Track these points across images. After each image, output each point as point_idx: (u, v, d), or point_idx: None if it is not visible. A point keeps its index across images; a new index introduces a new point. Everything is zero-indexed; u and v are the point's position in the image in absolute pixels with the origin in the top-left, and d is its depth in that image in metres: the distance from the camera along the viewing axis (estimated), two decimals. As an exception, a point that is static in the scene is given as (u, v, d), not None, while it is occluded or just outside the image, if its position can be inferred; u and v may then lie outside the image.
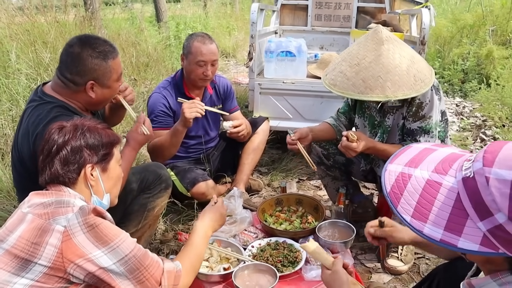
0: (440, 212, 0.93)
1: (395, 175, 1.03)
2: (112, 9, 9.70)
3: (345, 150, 2.16)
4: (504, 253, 0.87)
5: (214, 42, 2.73)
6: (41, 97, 1.89)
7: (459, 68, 6.54)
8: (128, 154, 2.01)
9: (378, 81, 1.98)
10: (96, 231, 1.25)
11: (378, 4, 4.85)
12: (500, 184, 0.86)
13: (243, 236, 2.16)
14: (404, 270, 2.35)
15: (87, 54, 1.82)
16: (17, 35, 4.71)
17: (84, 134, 1.44)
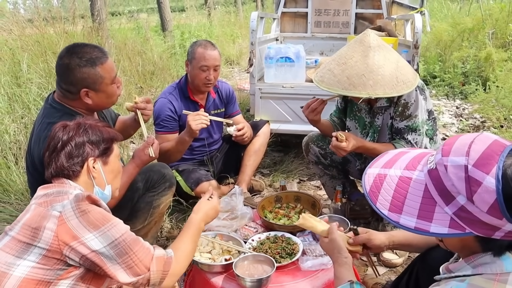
0: (412, 203, 1.06)
1: (373, 176, 1.17)
2: (118, 20, 9.90)
3: (336, 149, 2.29)
4: (470, 233, 0.99)
5: (217, 49, 2.88)
6: (51, 105, 2.00)
7: (459, 71, 6.64)
8: (131, 170, 2.14)
9: (361, 79, 2.12)
10: (88, 216, 1.33)
11: (376, 10, 4.98)
12: (456, 170, 0.98)
13: (244, 231, 2.28)
14: (399, 263, 2.46)
15: (75, 64, 1.88)
16: (28, 46, 4.89)
17: (86, 131, 1.55)
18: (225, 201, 2.45)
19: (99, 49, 1.98)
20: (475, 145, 0.99)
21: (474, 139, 1.01)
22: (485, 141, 1.00)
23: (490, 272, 1.01)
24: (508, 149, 0.98)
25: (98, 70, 1.93)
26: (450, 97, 6.36)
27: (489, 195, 0.94)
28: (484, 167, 0.95)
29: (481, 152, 0.97)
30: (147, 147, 2.16)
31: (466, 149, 0.99)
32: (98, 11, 7.05)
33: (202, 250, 2.08)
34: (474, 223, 0.98)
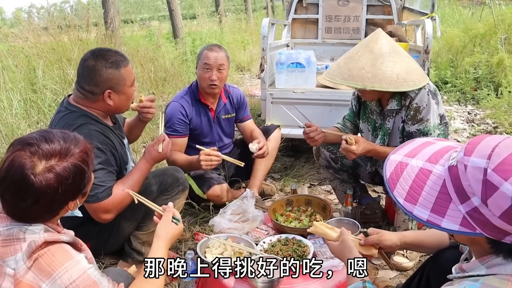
0: (428, 196, 1.06)
1: (395, 164, 1.17)
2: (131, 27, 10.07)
3: (345, 152, 2.32)
4: (480, 233, 1.00)
5: (224, 52, 2.92)
6: (67, 107, 2.09)
7: (471, 77, 6.61)
8: (143, 167, 2.19)
9: (361, 72, 2.20)
10: (40, 262, 1.21)
11: (387, 16, 5.00)
12: (475, 171, 0.99)
13: (255, 233, 2.31)
14: (409, 266, 2.46)
15: (101, 65, 2.02)
16: (43, 53, 5.01)
17: (65, 182, 1.28)
18: (237, 204, 2.48)
19: (121, 54, 2.12)
20: (499, 149, 0.99)
21: (499, 143, 1.00)
22: (510, 146, 0.99)
23: (505, 272, 1.02)
24: None
25: (122, 72, 2.06)
26: (462, 103, 6.33)
27: (504, 201, 0.94)
28: (503, 172, 0.95)
29: (503, 158, 0.97)
30: (158, 144, 2.22)
31: (489, 152, 0.99)
32: (111, 19, 7.18)
33: (214, 252, 2.11)
34: (485, 225, 0.99)
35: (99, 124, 2.11)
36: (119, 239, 2.31)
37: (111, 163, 2.12)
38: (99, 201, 2.02)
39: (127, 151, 2.35)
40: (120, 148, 2.23)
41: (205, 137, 3.05)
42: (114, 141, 2.18)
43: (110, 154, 2.11)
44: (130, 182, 2.15)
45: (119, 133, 2.30)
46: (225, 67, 2.89)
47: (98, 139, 2.06)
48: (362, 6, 5.05)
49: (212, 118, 3.06)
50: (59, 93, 4.38)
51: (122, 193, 2.11)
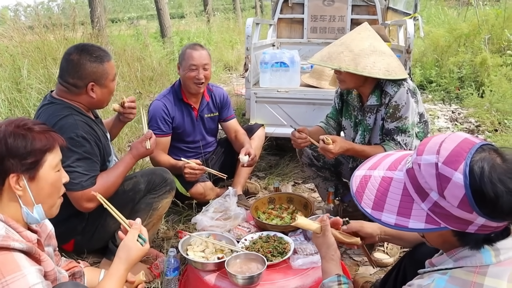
0: (393, 201, 1.13)
1: (359, 178, 1.24)
2: (118, 26, 10.00)
3: (323, 152, 2.38)
4: (446, 227, 1.05)
5: (205, 49, 2.95)
6: (50, 101, 2.16)
7: (455, 76, 6.70)
8: (128, 161, 2.27)
9: (339, 55, 2.30)
10: None
11: (371, 16, 5.06)
12: (428, 167, 1.05)
13: (237, 231, 2.33)
14: (389, 262, 2.50)
15: (86, 59, 2.10)
16: (28, 52, 4.98)
17: (6, 140, 1.29)
18: (219, 202, 2.51)
19: (104, 49, 2.21)
20: (446, 143, 1.06)
21: (445, 139, 1.08)
22: (455, 140, 1.06)
23: (471, 264, 1.06)
24: (476, 146, 1.04)
25: (105, 66, 2.14)
26: (446, 102, 6.42)
27: (458, 190, 1.00)
28: (453, 164, 1.02)
29: (450, 150, 1.04)
30: (145, 140, 2.30)
31: (437, 148, 1.06)
32: (98, 18, 7.15)
33: (195, 250, 2.13)
34: (448, 218, 1.04)
35: (83, 116, 2.17)
36: (104, 235, 2.32)
37: (95, 153, 2.16)
38: (83, 189, 2.06)
39: (110, 144, 2.40)
40: (104, 140, 2.27)
41: (188, 136, 3.08)
42: (98, 133, 2.22)
43: (94, 144, 2.15)
44: (115, 174, 2.21)
45: (102, 127, 2.34)
46: (209, 66, 2.93)
47: (83, 129, 2.10)
48: (347, 6, 5.11)
49: (195, 117, 3.07)
50: (44, 92, 4.35)
51: (105, 183, 2.15)
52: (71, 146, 2.01)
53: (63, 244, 2.30)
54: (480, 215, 1.00)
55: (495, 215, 1.00)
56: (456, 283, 1.05)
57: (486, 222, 1.01)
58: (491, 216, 1.00)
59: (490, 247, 1.07)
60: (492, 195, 0.98)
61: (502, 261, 1.05)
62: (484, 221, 1.01)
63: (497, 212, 1.00)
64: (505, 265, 1.05)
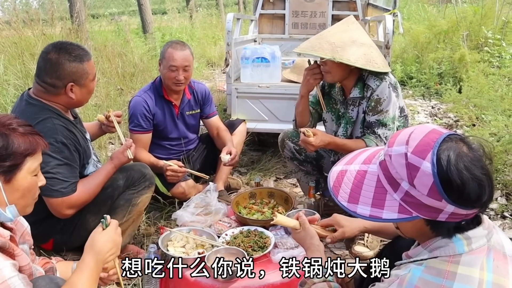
0: (367, 193, 1.16)
1: (336, 173, 1.26)
2: (98, 22, 9.88)
3: (304, 144, 2.40)
4: (417, 216, 1.08)
5: (188, 49, 2.89)
6: (27, 101, 2.09)
7: (435, 72, 6.79)
8: (109, 170, 2.25)
9: (323, 45, 2.33)
10: None
11: (352, 12, 5.08)
12: (398, 157, 1.09)
13: (218, 226, 2.33)
14: (369, 255, 2.52)
15: (65, 58, 2.03)
16: (4, 47, 4.89)
17: None
18: (200, 197, 2.50)
19: (83, 48, 2.13)
20: (414, 134, 1.10)
21: (414, 130, 1.12)
22: (423, 131, 1.10)
23: (444, 254, 1.09)
24: (443, 136, 1.08)
25: (85, 66, 2.08)
26: (426, 97, 6.51)
27: (427, 179, 1.04)
28: (421, 153, 1.05)
29: (418, 140, 1.07)
30: (126, 150, 2.28)
31: (406, 139, 1.09)
32: (77, 13, 7.03)
33: (176, 245, 2.13)
34: (419, 207, 1.07)
35: (62, 118, 2.11)
36: (83, 233, 2.28)
37: (75, 159, 2.12)
38: (63, 196, 2.03)
39: (89, 145, 2.36)
40: (83, 142, 2.23)
41: (170, 133, 3.05)
42: (77, 136, 2.18)
43: (74, 149, 2.12)
44: (96, 182, 2.19)
45: (81, 127, 2.30)
46: (190, 66, 2.88)
47: (62, 134, 2.06)
48: (328, 2, 5.14)
49: (176, 114, 3.04)
50: (21, 88, 4.28)
51: (86, 191, 2.13)
52: (50, 152, 1.98)
53: (42, 244, 2.27)
54: (449, 202, 1.03)
55: (463, 202, 1.04)
56: (431, 273, 1.07)
57: (456, 209, 1.05)
58: (460, 203, 1.04)
59: (462, 236, 1.09)
60: (459, 182, 1.02)
61: (474, 249, 1.08)
62: (454, 208, 1.04)
63: (465, 199, 1.03)
64: (476, 253, 1.08)
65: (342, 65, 2.33)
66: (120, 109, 5.07)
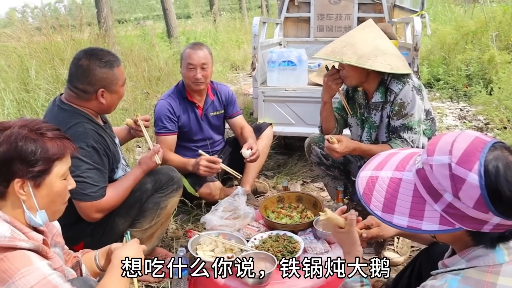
0: (403, 202, 1.10)
1: (365, 179, 1.21)
2: (124, 27, 10.05)
3: (329, 151, 2.39)
4: (460, 228, 1.03)
5: (206, 49, 2.96)
6: (59, 106, 2.13)
7: (463, 74, 6.65)
8: (138, 175, 2.27)
9: (342, 49, 2.32)
10: None
11: (378, 14, 5.04)
12: (441, 168, 1.03)
13: (246, 230, 2.33)
14: (400, 261, 2.49)
15: (95, 65, 2.06)
16: (36, 53, 5.00)
17: (16, 144, 1.27)
18: (228, 201, 2.51)
19: (113, 54, 2.17)
20: (457, 143, 1.04)
21: (456, 138, 1.05)
22: (466, 139, 1.04)
23: (483, 264, 1.05)
24: (489, 145, 1.02)
25: (115, 71, 2.12)
26: (454, 100, 6.38)
27: (473, 191, 0.98)
28: (466, 164, 1.00)
29: (463, 150, 1.02)
30: (154, 155, 2.30)
31: (449, 148, 1.03)
32: (104, 18, 7.19)
33: (205, 249, 2.13)
34: (462, 219, 1.02)
35: (92, 123, 2.14)
36: (113, 236, 2.33)
37: (104, 164, 2.15)
38: (93, 200, 2.05)
39: (118, 150, 2.38)
40: (112, 147, 2.25)
41: (195, 134, 3.08)
42: (107, 140, 2.20)
43: (103, 154, 2.14)
44: (125, 186, 2.21)
45: (110, 132, 2.33)
46: (208, 65, 2.93)
47: (93, 138, 2.08)
48: (354, 4, 5.09)
49: (200, 116, 3.08)
50: (52, 93, 4.38)
51: (115, 195, 2.15)
52: (81, 156, 2.00)
53: (73, 246, 2.31)
54: (496, 214, 0.99)
55: (511, 213, 0.99)
56: (469, 283, 1.03)
57: (502, 221, 1.00)
58: (507, 214, 0.99)
59: (503, 246, 1.06)
60: (509, 194, 0.97)
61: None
62: (500, 220, 1.00)
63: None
64: None
65: (358, 68, 2.31)
66: (146, 112, 5.14)
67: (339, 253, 2.11)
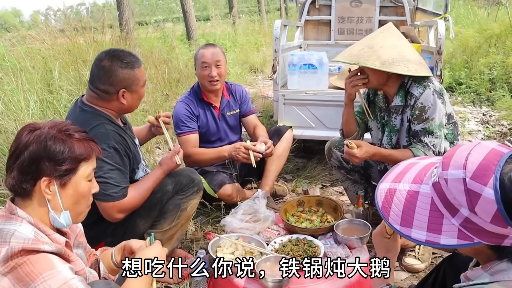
0: (421, 216, 1.07)
1: (384, 192, 1.18)
2: (145, 29, 10.17)
3: (348, 157, 2.38)
4: (479, 242, 1.00)
5: (218, 48, 3.01)
6: (81, 107, 2.16)
7: (486, 78, 6.54)
8: (159, 176, 2.29)
9: (360, 52, 2.32)
10: (18, 271, 1.18)
11: (400, 17, 4.98)
12: (455, 183, 1.00)
13: (266, 233, 2.33)
14: (421, 268, 2.46)
15: (117, 65, 2.10)
16: (59, 54, 5.09)
17: (46, 143, 1.31)
18: (248, 204, 2.51)
19: (134, 55, 2.20)
20: (472, 156, 1.00)
21: (471, 151, 1.02)
22: (481, 152, 1.01)
23: (508, 279, 1.02)
24: (505, 157, 0.98)
25: (136, 72, 2.15)
26: (477, 104, 6.27)
27: (489, 206, 0.95)
28: (481, 178, 0.97)
29: (477, 164, 0.98)
30: (174, 156, 2.31)
31: (463, 162, 1.00)
32: (126, 21, 7.28)
33: (225, 251, 2.14)
34: (481, 233, 0.99)
35: (113, 124, 2.17)
36: (133, 236, 2.33)
37: (126, 164, 2.17)
38: (114, 200, 2.08)
39: (139, 150, 2.41)
40: (133, 147, 2.28)
41: (212, 135, 3.11)
42: (127, 141, 2.23)
43: (124, 154, 2.17)
44: (146, 187, 2.23)
45: (130, 133, 2.36)
46: (222, 62, 2.97)
47: (114, 139, 2.11)
48: (375, 7, 5.04)
49: (217, 116, 3.11)
50: (74, 93, 4.44)
51: (137, 195, 2.17)
52: (103, 157, 2.02)
53: (94, 246, 2.33)
54: None
55: None
56: None
57: None
58: None
59: None
60: None
61: None
62: None
63: None
64: None
65: (378, 71, 2.30)
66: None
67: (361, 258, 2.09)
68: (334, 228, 2.25)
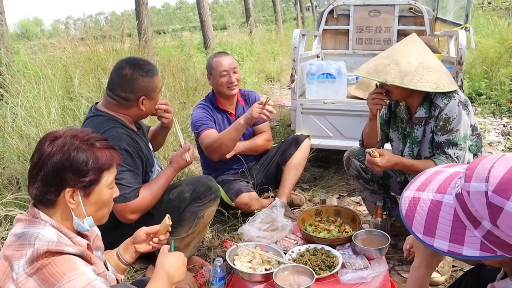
0: (444, 226, 1.06)
1: (408, 200, 1.17)
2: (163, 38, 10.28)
3: (370, 165, 2.35)
4: (502, 255, 0.98)
5: (231, 55, 3.10)
6: (95, 113, 2.22)
7: (507, 89, 6.45)
8: (169, 174, 2.33)
9: (385, 68, 2.28)
10: (43, 272, 1.20)
11: (419, 26, 4.95)
12: (477, 195, 0.99)
13: (284, 242, 2.31)
14: (441, 281, 2.41)
15: (138, 74, 2.17)
16: (79, 63, 5.18)
17: (69, 154, 1.32)
18: (266, 213, 2.50)
19: (151, 63, 2.27)
20: (494, 170, 0.99)
21: (494, 164, 1.01)
22: (505, 165, 1.00)
23: None
24: None
25: (155, 80, 2.23)
26: (497, 115, 6.18)
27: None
28: (504, 192, 0.95)
29: (500, 178, 0.97)
30: (184, 153, 2.34)
31: (486, 175, 0.99)
32: (144, 29, 7.37)
33: (242, 260, 2.13)
34: (503, 246, 0.98)
35: (126, 128, 2.22)
36: None
37: (137, 166, 2.20)
38: (126, 201, 2.11)
39: (152, 155, 2.44)
40: (146, 151, 2.31)
41: None
42: (141, 144, 2.27)
43: (136, 156, 2.20)
44: (157, 187, 2.26)
45: (144, 138, 2.40)
46: (238, 68, 3.06)
47: (126, 142, 2.15)
48: (394, 17, 5.02)
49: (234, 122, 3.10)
50: (93, 101, 4.49)
51: (148, 195, 2.20)
52: None
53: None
54: None
55: None
56: None
57: None
58: None
59: None
60: None
61: None
62: None
63: None
64: None
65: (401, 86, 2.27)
66: (184, 122, 5.21)
67: (378, 269, 2.07)
68: (353, 238, 2.23)
